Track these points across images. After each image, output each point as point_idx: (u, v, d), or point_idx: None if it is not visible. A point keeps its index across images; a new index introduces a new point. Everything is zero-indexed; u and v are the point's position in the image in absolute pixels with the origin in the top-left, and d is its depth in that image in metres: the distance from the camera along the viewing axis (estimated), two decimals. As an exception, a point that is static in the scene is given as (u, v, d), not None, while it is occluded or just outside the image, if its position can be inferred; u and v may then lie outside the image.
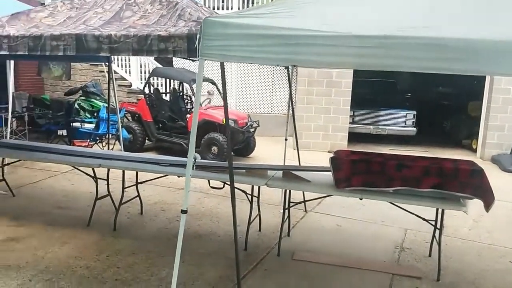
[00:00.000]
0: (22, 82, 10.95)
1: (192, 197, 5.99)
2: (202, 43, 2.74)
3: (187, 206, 3.04)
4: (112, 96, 6.29)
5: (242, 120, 8.63)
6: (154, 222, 5.11)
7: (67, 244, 4.33)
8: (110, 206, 5.17)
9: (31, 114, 9.91)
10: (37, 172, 6.88)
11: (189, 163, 2.85)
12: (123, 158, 4.85)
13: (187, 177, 2.88)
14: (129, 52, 3.28)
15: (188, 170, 2.86)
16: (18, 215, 5.04)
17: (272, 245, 4.55)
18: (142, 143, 8.95)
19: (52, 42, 3.36)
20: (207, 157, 8.19)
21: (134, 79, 10.93)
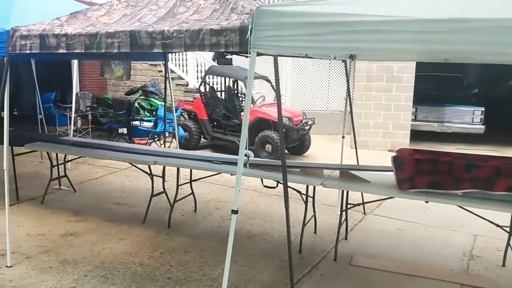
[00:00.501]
0: (87, 82, 11.47)
1: (245, 195, 5.90)
2: (254, 35, 2.61)
3: (238, 206, 2.91)
4: (169, 95, 6.34)
5: (297, 118, 8.44)
6: (208, 220, 5.07)
7: (122, 240, 4.38)
8: (165, 203, 5.20)
9: (94, 113, 10.34)
10: (98, 169, 7.11)
11: (240, 161, 2.73)
12: (177, 156, 4.84)
13: (238, 176, 2.76)
14: (182, 48, 3.22)
15: (240, 169, 2.74)
16: (78, 210, 5.20)
17: (328, 249, 4.34)
18: (198, 141, 9.01)
19: (107, 39, 3.38)
20: (261, 155, 8.09)
21: (191, 78, 11.06)
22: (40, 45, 3.54)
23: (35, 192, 5.70)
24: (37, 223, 4.75)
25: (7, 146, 3.78)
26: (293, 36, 2.62)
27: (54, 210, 5.18)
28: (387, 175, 4.00)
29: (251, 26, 2.64)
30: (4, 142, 3.74)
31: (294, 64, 11.65)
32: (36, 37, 3.55)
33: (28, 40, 3.57)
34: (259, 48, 2.64)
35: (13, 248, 3.99)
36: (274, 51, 2.71)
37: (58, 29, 3.57)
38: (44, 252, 4.02)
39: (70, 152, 5.24)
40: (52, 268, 3.72)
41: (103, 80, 11.76)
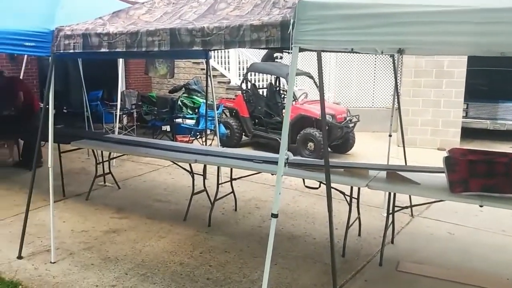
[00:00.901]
0: (132, 80, 11.73)
1: (286, 195, 5.78)
2: (296, 29, 2.48)
3: (278, 209, 2.79)
4: (210, 93, 6.32)
5: (341, 115, 8.21)
6: (248, 220, 4.99)
7: (163, 239, 4.38)
8: (206, 201, 5.18)
9: (139, 110, 10.55)
10: (142, 166, 7.21)
11: (280, 162, 2.61)
12: (218, 154, 4.80)
13: (278, 177, 2.64)
14: (221, 45, 3.14)
15: (280, 170, 2.62)
16: (121, 207, 5.27)
17: (374, 253, 4.15)
18: (239, 138, 8.97)
19: (148, 38, 3.35)
20: (303, 154, 7.94)
21: (233, 75, 11.04)
22: (83, 45, 3.58)
23: (81, 188, 5.85)
24: (81, 219, 4.85)
25: (52, 144, 3.84)
26: (338, 30, 2.46)
27: (98, 206, 5.27)
28: (437, 176, 3.76)
29: (293, 20, 2.51)
30: (49, 140, 3.81)
31: (338, 60, 11.37)
32: (79, 36, 3.58)
33: (71, 39, 3.62)
34: (302, 43, 2.51)
35: (57, 244, 4.08)
36: (318, 46, 2.56)
37: (100, 28, 3.59)
38: (87, 249, 4.09)
39: (114, 150, 5.32)
40: (94, 265, 3.77)
41: (148, 78, 11.98)
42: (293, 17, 2.51)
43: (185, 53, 5.67)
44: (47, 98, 3.76)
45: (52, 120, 3.77)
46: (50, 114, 3.76)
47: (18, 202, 5.19)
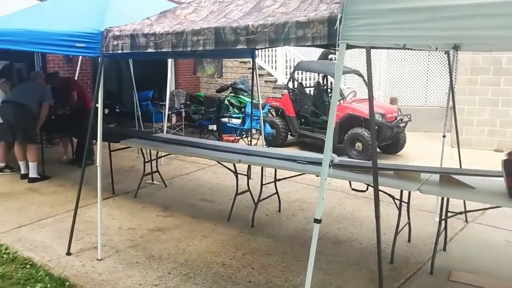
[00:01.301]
0: (181, 80, 11.94)
1: (332, 197, 5.63)
2: (343, 24, 2.36)
3: (321, 214, 2.68)
4: (256, 92, 6.28)
5: (391, 114, 7.91)
6: (292, 222, 4.90)
7: (207, 238, 4.38)
8: (250, 202, 5.14)
9: (187, 110, 10.72)
10: (188, 164, 7.29)
11: (324, 164, 2.49)
12: (262, 154, 4.74)
13: (322, 182, 2.53)
14: (266, 43, 3.06)
15: (324, 173, 2.50)
16: (167, 205, 5.34)
17: (424, 260, 3.93)
18: (285, 138, 8.88)
19: (193, 37, 3.34)
20: (350, 154, 7.72)
21: (280, 74, 10.96)
22: (131, 45, 3.63)
23: (130, 186, 5.99)
24: (128, 216, 4.96)
25: (101, 143, 3.93)
26: (388, 25, 2.31)
27: (146, 204, 5.37)
28: (494, 180, 3.51)
29: (340, 15, 2.39)
30: (98, 140, 3.90)
31: (389, 57, 10.99)
32: (127, 37, 3.64)
33: (119, 40, 3.68)
34: (349, 39, 2.38)
35: (105, 241, 4.18)
36: (367, 42, 2.43)
37: (147, 28, 3.62)
38: (132, 247, 4.16)
39: (160, 149, 5.40)
40: (139, 264, 3.82)
41: (196, 78, 12.15)
42: (340, 11, 2.40)
43: (232, 52, 5.66)
44: (96, 97, 3.84)
45: (101, 119, 3.86)
46: (99, 114, 3.84)
47: (70, 198, 5.38)
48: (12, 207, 5.17)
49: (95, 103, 3.86)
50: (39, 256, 3.91)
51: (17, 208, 5.16)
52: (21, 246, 4.10)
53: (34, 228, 4.58)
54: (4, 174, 6.50)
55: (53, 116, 6.74)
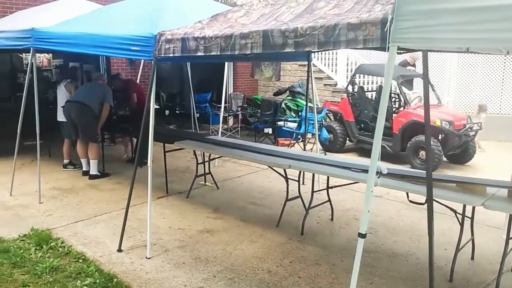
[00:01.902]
0: (239, 83, 12.03)
1: (390, 207, 5.36)
2: (394, 26, 2.18)
3: (366, 229, 2.51)
4: (311, 95, 6.14)
5: (459, 122, 7.41)
6: (344, 231, 4.70)
7: (254, 243, 4.31)
8: (301, 208, 5.00)
9: (244, 113, 10.77)
10: (242, 167, 7.29)
11: (370, 175, 2.32)
12: (314, 160, 4.59)
13: (367, 194, 2.36)
14: (315, 46, 2.94)
15: (370, 184, 2.33)
16: (218, 207, 5.34)
17: (488, 281, 3.59)
18: (343, 143, 8.62)
19: (241, 40, 3.29)
20: (413, 163, 7.33)
21: (340, 78, 10.68)
22: (181, 49, 3.65)
23: (183, 186, 6.08)
24: (179, 217, 5.01)
25: (152, 144, 4.00)
26: (448, 26, 2.10)
27: (197, 205, 5.42)
28: None
29: (391, 17, 2.21)
30: (150, 140, 3.97)
31: (461, 60, 10.32)
32: (178, 40, 3.67)
33: (171, 44, 3.72)
34: (401, 42, 2.20)
35: (154, 240, 4.25)
36: (421, 45, 2.23)
37: (198, 32, 3.63)
38: (181, 247, 4.19)
39: (212, 151, 5.42)
40: (185, 264, 3.83)
41: (255, 81, 12.19)
42: (391, 12, 2.22)
43: (287, 55, 5.55)
44: (149, 99, 3.91)
45: (152, 120, 3.92)
46: (151, 114, 3.91)
47: (126, 196, 5.43)
48: (72, 203, 5.43)
49: (147, 104, 3.93)
50: (91, 251, 4.05)
51: (76, 203, 5.41)
52: (76, 241, 4.28)
53: (89, 223, 4.76)
54: (67, 170, 6.87)
55: (115, 116, 7.01)
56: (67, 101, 6.38)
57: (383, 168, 2.21)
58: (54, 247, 4.08)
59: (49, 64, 12.48)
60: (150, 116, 3.92)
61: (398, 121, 7.71)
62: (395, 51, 2.24)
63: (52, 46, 5.04)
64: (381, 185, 2.87)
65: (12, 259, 3.77)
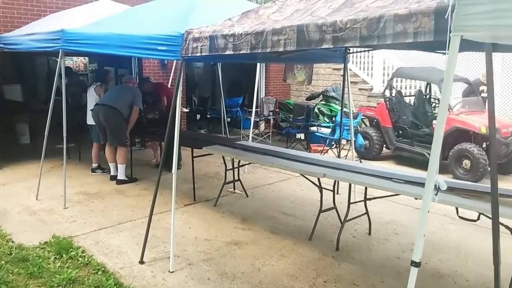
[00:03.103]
0: (271, 87, 11.74)
1: (434, 221, 4.92)
2: (457, 12, 1.84)
3: (420, 256, 2.14)
4: (347, 99, 5.77)
5: (506, 129, 6.85)
6: (383, 247, 4.30)
7: (285, 258, 3.99)
8: (336, 220, 4.66)
9: (275, 117, 10.47)
10: (273, 174, 6.98)
11: (427, 192, 1.96)
12: (351, 169, 4.23)
13: (422, 215, 2.00)
14: (356, 41, 2.61)
15: (426, 202, 1.97)
16: (246, 217, 5.05)
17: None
18: (379, 150, 8.18)
19: (273, 37, 3.01)
20: (456, 173, 6.83)
21: (376, 82, 10.22)
22: (210, 47, 3.40)
23: (211, 193, 5.83)
24: (206, 226, 4.75)
25: (176, 150, 3.76)
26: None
27: (224, 214, 5.14)
28: None
29: (453, 2, 1.87)
30: (174, 146, 3.73)
31: (505, 62, 9.66)
32: (206, 38, 3.41)
33: (199, 42, 3.47)
34: (465, 31, 1.85)
35: (179, 252, 4.00)
36: (489, 35, 1.86)
37: (227, 29, 3.37)
38: (206, 260, 3.91)
39: (240, 157, 5.14)
40: (210, 280, 3.55)
41: (287, 85, 11.87)
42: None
43: (321, 56, 5.22)
44: (175, 102, 3.68)
45: (178, 124, 3.69)
46: (176, 118, 3.68)
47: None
48: (97, 208, 5.27)
49: (173, 108, 3.70)
50: (112, 262, 3.83)
51: (101, 209, 5.24)
52: (97, 250, 4.08)
53: (113, 231, 4.57)
54: (96, 174, 6.76)
55: (145, 120, 6.86)
56: (96, 104, 6.26)
57: (442, 183, 1.84)
58: (74, 256, 3.89)
59: (85, 69, 12.64)
60: (175, 120, 3.67)
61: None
62: (458, 42, 1.88)
63: (80, 47, 4.92)
64: (440, 202, 2.45)
65: (29, 268, 3.59)
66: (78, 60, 13.08)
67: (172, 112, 3.66)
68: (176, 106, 3.66)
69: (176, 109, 3.66)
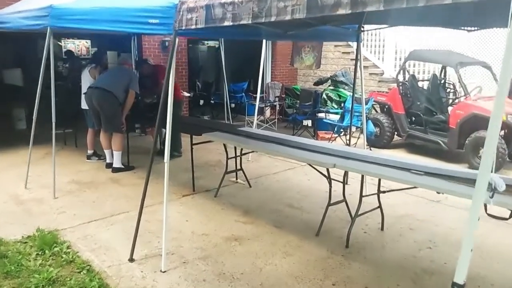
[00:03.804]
0: (278, 72, 11.28)
1: (450, 214, 4.55)
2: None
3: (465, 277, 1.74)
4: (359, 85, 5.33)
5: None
6: (398, 245, 3.92)
7: (289, 257, 3.61)
8: (345, 213, 4.29)
9: (281, 103, 10.04)
10: (278, 162, 6.58)
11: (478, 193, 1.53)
12: (363, 158, 3.82)
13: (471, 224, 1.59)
14: (380, 4, 2.16)
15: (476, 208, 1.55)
16: (248, 209, 4.68)
17: None
18: (390, 138, 7.75)
19: (279, 3, 2.58)
20: (472, 162, 6.41)
21: (387, 66, 9.73)
22: (206, 18, 2.98)
23: (212, 183, 5.46)
24: (205, 219, 4.39)
25: (169, 138, 3.38)
26: None
27: (225, 206, 4.77)
28: None
29: None
30: (167, 132, 3.35)
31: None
32: (202, 8, 2.99)
33: (194, 13, 3.05)
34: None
35: (173, 248, 3.65)
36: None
37: (226, -3, 2.94)
38: (203, 258, 3.55)
39: (243, 145, 4.74)
40: (206, 282, 3.18)
41: (294, 70, 11.42)
42: None
43: (332, 34, 4.75)
44: (167, 83, 3.29)
45: (171, 109, 3.31)
46: (169, 101, 3.30)
47: (150, 193, 4.89)
48: (89, 199, 4.91)
49: (165, 89, 3.31)
50: (99, 260, 3.48)
51: (93, 200, 4.89)
52: (84, 245, 3.73)
53: (103, 224, 4.22)
54: (91, 161, 6.41)
55: (142, 105, 6.47)
56: (89, 87, 5.86)
57: (499, 182, 1.42)
58: (58, 253, 3.54)
59: (88, 52, 12.25)
60: (168, 103, 3.29)
61: (456, 114, 6.76)
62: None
63: (69, 23, 4.50)
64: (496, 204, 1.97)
65: (6, 266, 3.24)
66: (80, 43, 12.71)
67: (164, 94, 3.27)
68: (168, 88, 3.26)
69: (168, 92, 3.26)
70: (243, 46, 10.39)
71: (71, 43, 12.97)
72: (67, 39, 12.69)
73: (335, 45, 10.54)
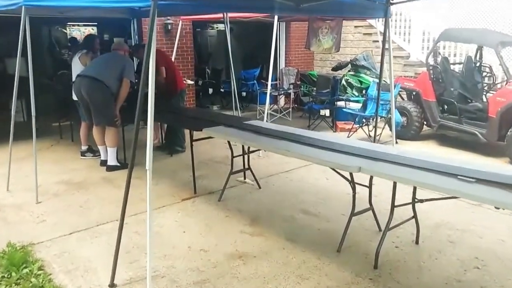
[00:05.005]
0: (293, 57, 10.51)
1: (497, 223, 3.79)
2: None
3: None
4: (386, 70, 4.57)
5: None
6: (437, 264, 3.21)
7: (305, 282, 2.94)
8: (370, 221, 3.61)
9: (296, 91, 9.29)
10: (291, 159, 5.82)
11: None
12: (394, 159, 3.10)
13: None
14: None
15: None
16: (257, 216, 4.01)
17: None
18: (419, 129, 6.95)
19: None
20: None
21: (414, 49, 8.86)
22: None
23: (216, 184, 4.81)
24: (205, 230, 3.74)
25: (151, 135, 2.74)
26: None
27: (230, 212, 4.12)
28: None
29: None
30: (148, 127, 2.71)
31: None
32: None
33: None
34: None
35: (164, 269, 3.05)
36: None
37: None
38: (198, 284, 2.90)
39: (248, 142, 4.05)
40: (199, 320, 2.55)
41: (310, 54, 10.62)
42: None
43: (354, 7, 3.97)
44: (147, 67, 2.65)
45: (152, 101, 2.67)
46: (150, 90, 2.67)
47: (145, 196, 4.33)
48: (75, 203, 4.32)
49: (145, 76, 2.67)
50: (74, 285, 2.88)
51: (80, 204, 4.30)
52: (59, 266, 3.13)
53: (86, 237, 3.61)
54: (85, 158, 5.82)
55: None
56: (77, 75, 5.24)
57: None
58: (27, 275, 2.95)
59: (94, 40, 11.66)
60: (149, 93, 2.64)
61: (496, 102, 5.94)
62: None
63: (44, 1, 3.88)
64: None
65: (-45, 298, 2.68)
66: (86, 30, 12.16)
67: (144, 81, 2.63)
68: (149, 73, 2.61)
69: (149, 77, 2.61)
70: (255, 28, 9.63)
71: (76, 30, 12.43)
72: (72, 26, 12.16)
73: (355, 26, 9.69)
